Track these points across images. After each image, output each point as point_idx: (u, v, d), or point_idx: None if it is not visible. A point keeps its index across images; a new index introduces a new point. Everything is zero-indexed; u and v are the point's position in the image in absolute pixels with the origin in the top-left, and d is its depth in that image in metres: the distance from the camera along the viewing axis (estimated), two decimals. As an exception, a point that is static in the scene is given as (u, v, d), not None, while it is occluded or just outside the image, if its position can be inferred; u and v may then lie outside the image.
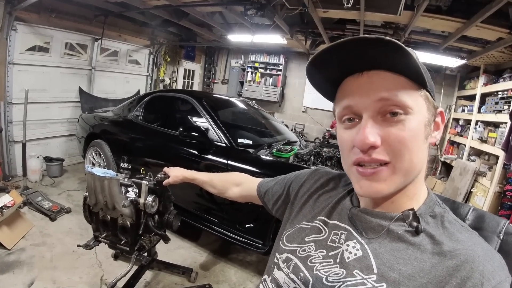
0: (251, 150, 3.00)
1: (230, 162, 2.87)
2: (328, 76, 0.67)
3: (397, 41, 0.54)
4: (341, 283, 0.64)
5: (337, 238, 0.73)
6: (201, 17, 5.10)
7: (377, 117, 0.62)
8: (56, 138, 5.30)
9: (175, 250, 3.17)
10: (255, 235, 2.76)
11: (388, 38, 0.54)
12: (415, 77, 0.61)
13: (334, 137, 7.02)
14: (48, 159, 4.80)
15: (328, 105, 7.42)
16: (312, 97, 7.85)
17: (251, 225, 2.78)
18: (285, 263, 0.77)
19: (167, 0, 4.38)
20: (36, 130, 4.84)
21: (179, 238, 3.36)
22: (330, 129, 7.30)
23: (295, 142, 3.69)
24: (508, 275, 0.58)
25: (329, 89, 0.71)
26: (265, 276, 0.83)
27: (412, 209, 0.66)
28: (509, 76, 4.42)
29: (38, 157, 4.55)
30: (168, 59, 7.49)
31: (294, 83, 8.15)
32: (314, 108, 7.93)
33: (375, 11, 3.62)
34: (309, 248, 0.76)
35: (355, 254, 0.67)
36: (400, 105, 0.60)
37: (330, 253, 0.72)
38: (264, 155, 2.94)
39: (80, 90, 5.35)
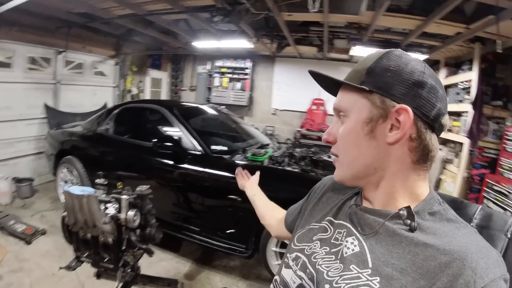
0: (226, 156, 3.03)
1: (206, 170, 2.88)
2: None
3: (345, 81, 0.74)
4: (339, 277, 0.69)
5: (340, 236, 0.78)
6: (166, 25, 5.08)
7: (339, 120, 0.79)
8: (24, 157, 5.09)
9: (158, 262, 3.15)
10: (237, 240, 2.80)
11: (341, 80, 0.75)
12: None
13: (305, 137, 7.18)
14: (17, 180, 4.62)
15: (296, 106, 7.53)
16: (280, 99, 8.02)
17: (233, 230, 2.81)
18: (294, 261, 0.82)
19: (132, 9, 4.32)
20: (2, 150, 4.66)
21: (160, 250, 3.31)
22: (301, 129, 7.42)
23: (268, 144, 3.75)
24: (503, 272, 0.58)
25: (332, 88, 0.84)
26: (276, 277, 0.88)
27: (408, 207, 0.68)
28: (468, 67, 4.66)
29: (6, 178, 4.38)
30: (135, 69, 7.37)
31: (262, 86, 8.23)
32: (283, 110, 8.06)
33: (339, 12, 3.74)
34: (315, 246, 0.81)
35: (353, 250, 0.71)
36: (341, 110, 0.76)
37: (332, 250, 0.76)
38: (239, 160, 2.98)
39: (46, 106, 5.19)
